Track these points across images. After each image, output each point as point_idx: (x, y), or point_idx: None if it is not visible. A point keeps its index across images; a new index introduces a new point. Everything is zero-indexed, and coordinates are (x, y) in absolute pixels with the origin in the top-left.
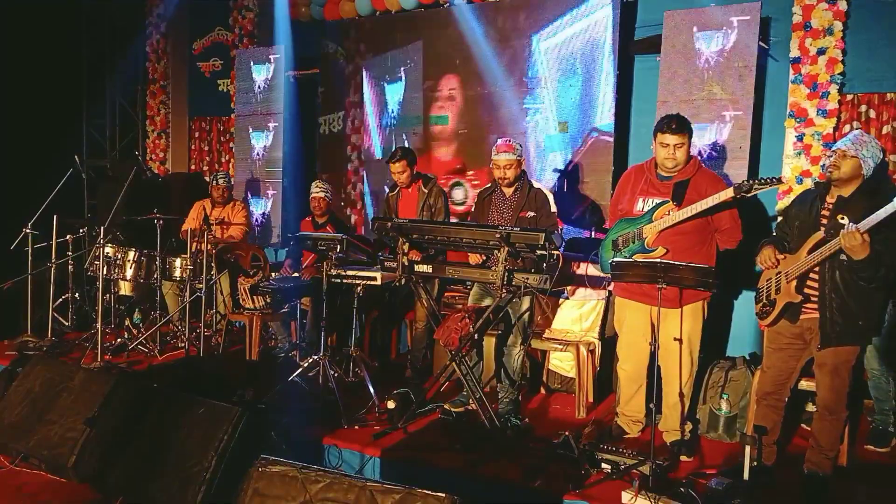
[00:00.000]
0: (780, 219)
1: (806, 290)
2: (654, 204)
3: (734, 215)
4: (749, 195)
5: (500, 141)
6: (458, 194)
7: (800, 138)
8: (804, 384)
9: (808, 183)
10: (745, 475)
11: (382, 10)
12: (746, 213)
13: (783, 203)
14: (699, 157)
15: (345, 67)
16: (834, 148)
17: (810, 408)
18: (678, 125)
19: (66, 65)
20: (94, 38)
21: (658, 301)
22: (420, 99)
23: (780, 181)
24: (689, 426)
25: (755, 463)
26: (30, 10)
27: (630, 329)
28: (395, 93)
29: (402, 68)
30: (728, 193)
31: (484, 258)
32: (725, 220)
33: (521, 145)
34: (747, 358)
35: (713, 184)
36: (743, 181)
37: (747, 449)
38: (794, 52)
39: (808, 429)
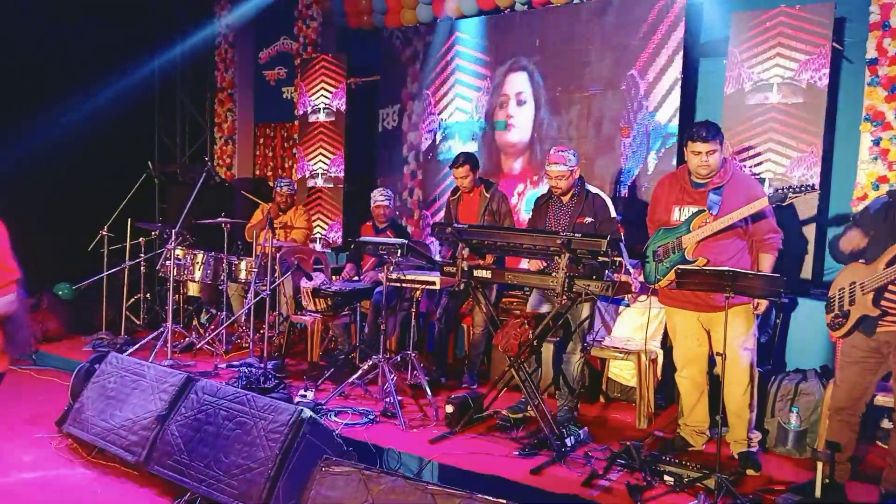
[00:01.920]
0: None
1: (884, 305)
2: (690, 213)
3: (772, 224)
4: (784, 204)
5: (552, 151)
6: None
7: (876, 142)
8: (880, 399)
9: (886, 189)
10: (817, 493)
11: (442, 18)
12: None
13: (857, 210)
14: (733, 161)
15: (400, 51)
16: None
17: (886, 424)
18: (708, 132)
19: (140, 75)
20: (165, 50)
21: (725, 306)
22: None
23: (813, 189)
24: (757, 436)
25: (827, 480)
26: (105, 25)
27: (684, 336)
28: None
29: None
30: (763, 203)
31: (545, 264)
32: (764, 228)
33: (575, 155)
34: (818, 371)
35: (748, 188)
36: (778, 189)
37: (819, 465)
38: (871, 54)
39: (885, 447)
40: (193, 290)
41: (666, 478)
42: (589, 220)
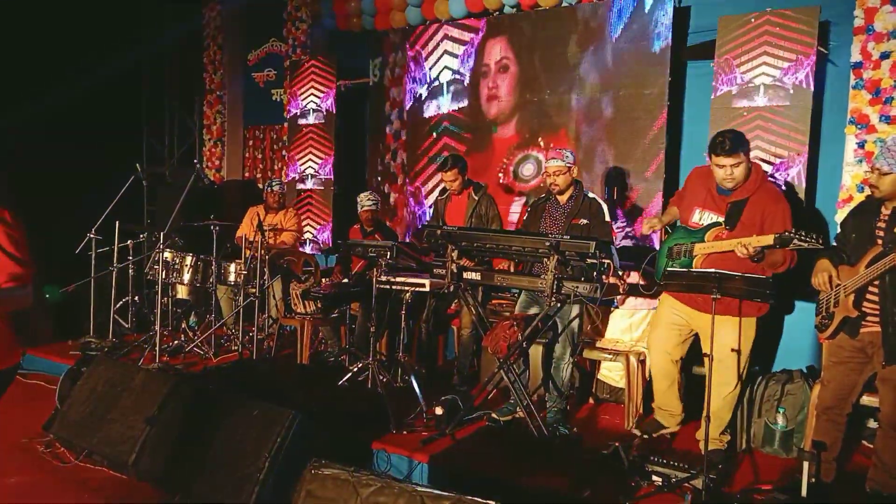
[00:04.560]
0: (838, 231)
1: (866, 306)
2: (709, 220)
3: (786, 254)
4: (788, 247)
5: (550, 149)
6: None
7: (861, 145)
8: (866, 399)
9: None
10: (803, 492)
11: (432, 19)
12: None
13: (842, 212)
14: (761, 171)
15: None
16: (871, 165)
17: (872, 424)
18: (731, 145)
19: (127, 77)
20: (153, 51)
21: (712, 311)
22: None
23: (819, 242)
24: (727, 437)
25: (813, 479)
26: (92, 25)
27: (668, 322)
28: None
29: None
30: (768, 240)
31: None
32: (778, 255)
33: (572, 153)
34: (804, 371)
35: (772, 203)
36: (785, 232)
37: (805, 465)
38: (856, 57)
39: (871, 446)
40: (182, 292)
41: (654, 478)
42: (584, 221)
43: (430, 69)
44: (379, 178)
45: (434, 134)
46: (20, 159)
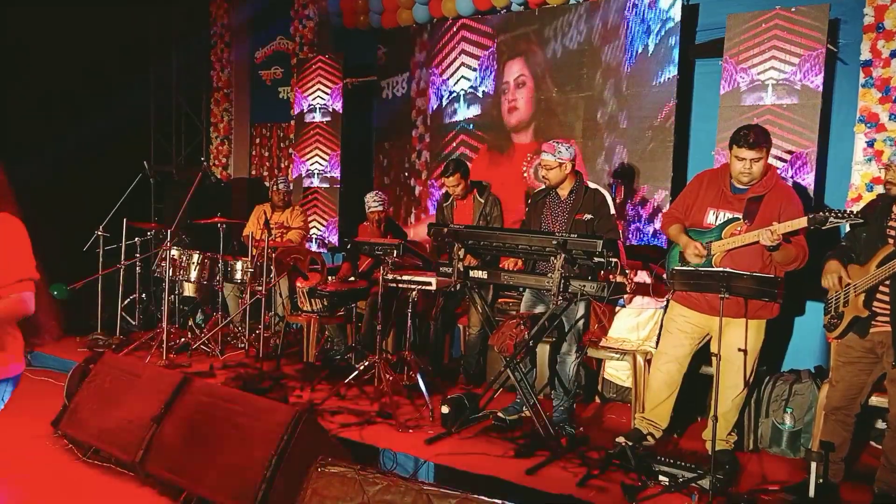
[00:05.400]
0: (847, 229)
1: (876, 305)
2: (725, 218)
3: (801, 242)
4: (824, 228)
5: (547, 142)
6: None
7: (870, 144)
8: (875, 400)
9: (879, 190)
10: (811, 493)
11: (439, 17)
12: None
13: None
14: (777, 170)
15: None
16: (887, 162)
17: (881, 425)
18: (756, 139)
19: (135, 75)
20: (161, 49)
21: (720, 312)
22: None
23: (856, 216)
24: (734, 437)
25: (821, 480)
26: (100, 23)
27: (681, 330)
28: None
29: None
30: (801, 223)
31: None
32: (792, 250)
33: (569, 148)
34: (812, 371)
35: (788, 201)
36: (819, 212)
37: (813, 465)
38: (865, 55)
39: (879, 447)
40: (189, 290)
41: (661, 478)
42: (588, 216)
43: (450, 81)
44: (406, 174)
45: (453, 134)
46: (26, 159)
